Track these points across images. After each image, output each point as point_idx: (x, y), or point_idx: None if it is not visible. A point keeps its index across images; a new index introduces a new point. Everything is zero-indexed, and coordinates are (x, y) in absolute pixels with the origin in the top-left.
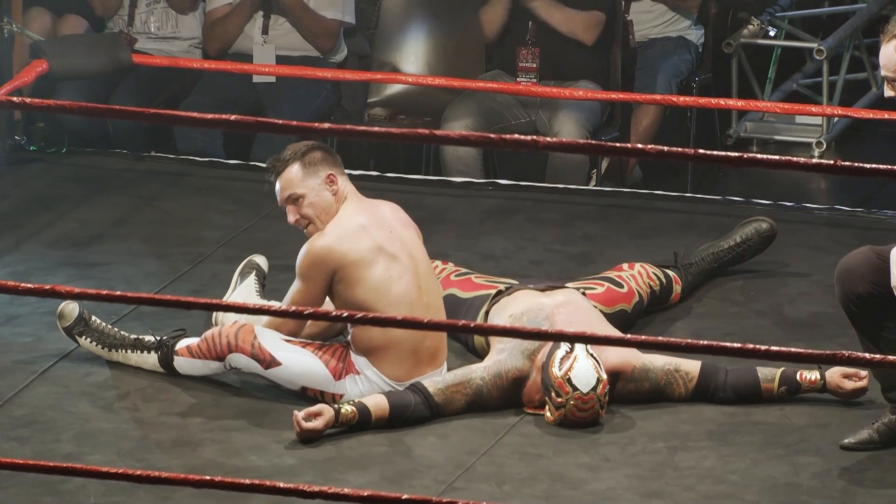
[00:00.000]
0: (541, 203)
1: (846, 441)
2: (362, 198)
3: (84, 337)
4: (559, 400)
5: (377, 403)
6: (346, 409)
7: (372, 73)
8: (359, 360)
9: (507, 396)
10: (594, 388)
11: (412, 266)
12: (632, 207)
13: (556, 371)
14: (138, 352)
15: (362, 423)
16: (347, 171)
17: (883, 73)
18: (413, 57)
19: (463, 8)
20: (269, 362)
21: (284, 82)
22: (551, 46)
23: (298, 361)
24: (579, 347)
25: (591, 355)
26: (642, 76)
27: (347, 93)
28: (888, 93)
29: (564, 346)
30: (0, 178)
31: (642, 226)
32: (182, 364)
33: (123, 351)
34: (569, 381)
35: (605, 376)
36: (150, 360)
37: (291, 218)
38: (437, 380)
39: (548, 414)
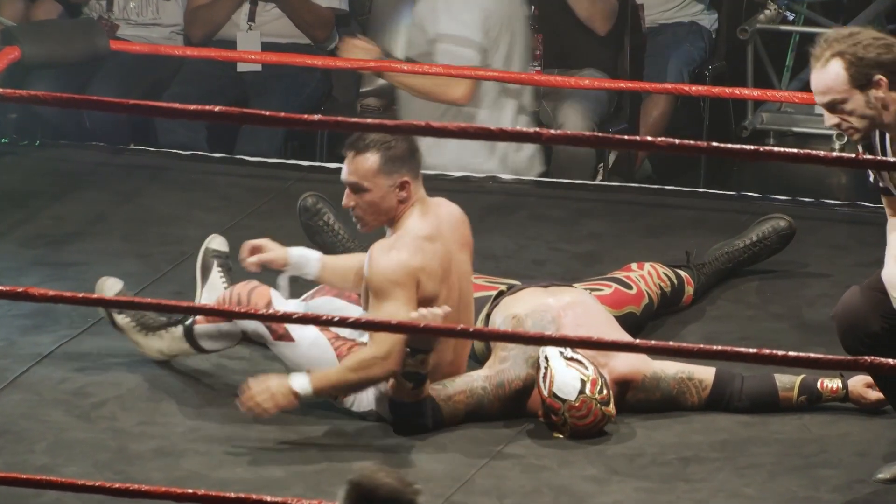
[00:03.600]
0: (544, 199)
1: (879, 476)
2: (429, 203)
3: (123, 315)
4: (556, 419)
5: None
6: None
7: (365, 61)
8: None
9: (509, 407)
10: (582, 391)
11: (457, 296)
12: (641, 204)
13: (544, 391)
14: (170, 329)
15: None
16: (337, 165)
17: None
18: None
19: None
20: (282, 335)
21: (271, 71)
22: (556, 33)
23: (311, 343)
24: (553, 357)
25: (570, 359)
26: (652, 64)
27: (339, 82)
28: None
29: (542, 364)
30: None
31: (652, 223)
32: (200, 331)
33: (156, 333)
34: (555, 396)
35: (591, 373)
36: (177, 333)
37: (347, 202)
38: (437, 388)
39: (557, 435)
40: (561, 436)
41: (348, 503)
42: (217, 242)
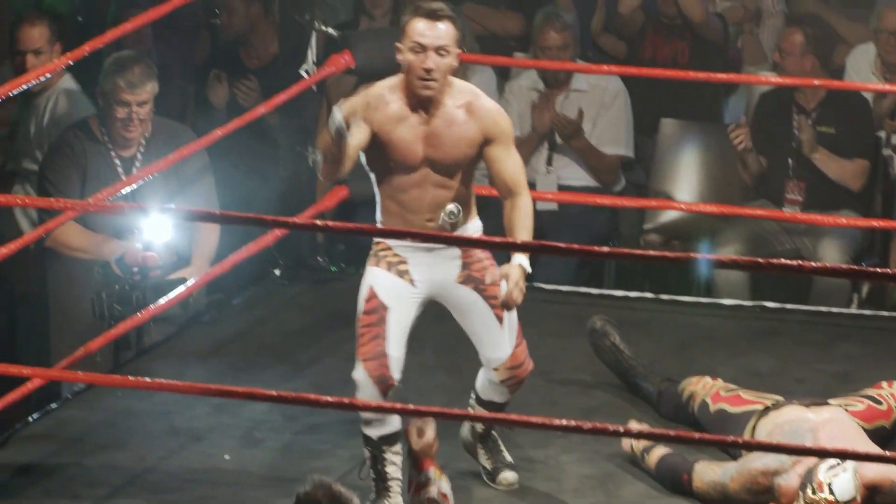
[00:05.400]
0: (805, 325)
1: None
2: None
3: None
4: (812, 497)
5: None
6: None
7: (647, 201)
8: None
9: (748, 493)
10: (847, 502)
11: None
12: (892, 330)
13: (822, 473)
14: None
15: None
16: (623, 293)
17: None
18: (686, 185)
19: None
20: None
21: (566, 209)
22: (815, 181)
23: None
24: (851, 463)
25: (857, 475)
26: None
27: (625, 219)
28: None
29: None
30: (303, 296)
31: None
32: None
33: None
34: (829, 485)
35: (859, 499)
36: None
37: (431, 64)
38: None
39: None
40: None
41: None
42: None
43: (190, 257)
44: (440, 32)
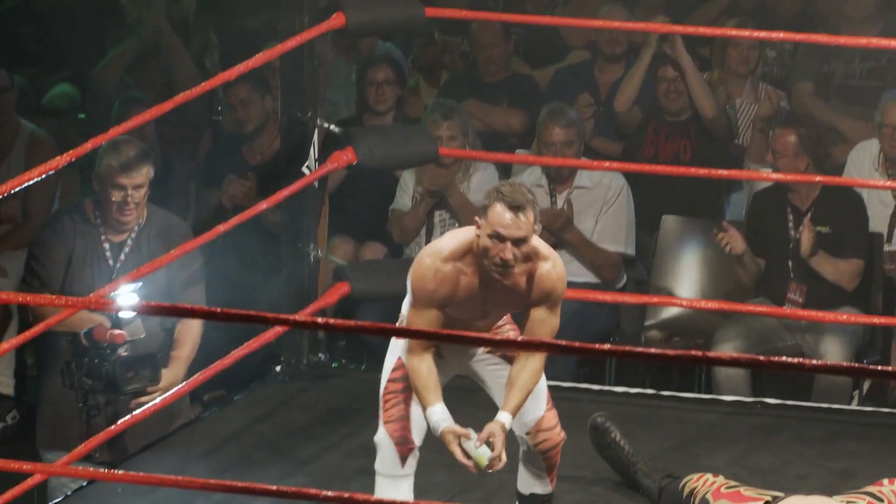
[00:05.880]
0: (806, 421)
1: None
2: None
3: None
4: None
5: None
6: None
7: (649, 297)
8: None
9: None
10: None
11: None
12: (893, 426)
13: None
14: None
15: None
16: (624, 389)
17: None
18: (687, 282)
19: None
20: None
21: (567, 305)
22: (815, 281)
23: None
24: None
25: None
26: None
27: (626, 315)
28: None
29: None
30: (304, 392)
31: None
32: None
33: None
34: None
35: None
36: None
37: (509, 255)
38: None
39: None
40: None
41: None
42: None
43: (168, 361)
44: (521, 225)
